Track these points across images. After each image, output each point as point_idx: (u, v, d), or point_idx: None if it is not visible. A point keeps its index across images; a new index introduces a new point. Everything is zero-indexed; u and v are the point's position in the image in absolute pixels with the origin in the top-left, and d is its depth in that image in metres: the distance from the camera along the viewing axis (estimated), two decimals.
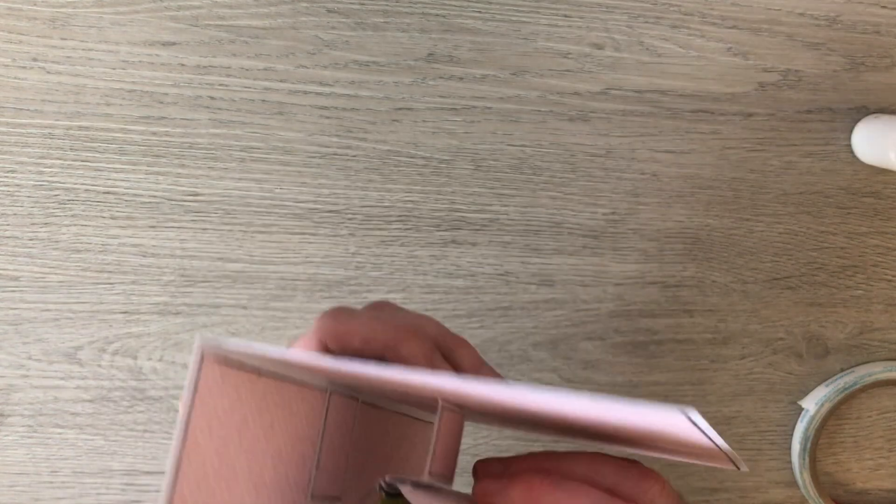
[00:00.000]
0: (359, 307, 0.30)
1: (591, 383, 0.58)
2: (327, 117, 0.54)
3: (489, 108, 0.55)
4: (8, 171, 0.54)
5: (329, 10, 0.53)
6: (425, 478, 0.25)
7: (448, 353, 0.31)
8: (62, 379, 0.57)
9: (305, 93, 0.54)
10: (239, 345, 0.24)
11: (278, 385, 0.27)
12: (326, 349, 0.28)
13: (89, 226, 0.55)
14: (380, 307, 0.31)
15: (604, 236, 0.57)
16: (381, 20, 0.53)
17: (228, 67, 0.53)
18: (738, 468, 0.27)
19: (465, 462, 0.58)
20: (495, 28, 0.54)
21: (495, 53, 0.54)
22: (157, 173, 0.55)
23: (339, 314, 0.28)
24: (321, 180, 0.55)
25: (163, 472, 0.58)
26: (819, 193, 0.57)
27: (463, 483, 0.57)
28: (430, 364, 0.28)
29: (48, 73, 0.53)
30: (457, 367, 0.31)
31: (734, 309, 0.58)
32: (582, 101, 0.55)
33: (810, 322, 0.59)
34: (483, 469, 0.28)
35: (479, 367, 0.31)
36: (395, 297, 0.57)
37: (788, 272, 0.58)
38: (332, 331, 0.28)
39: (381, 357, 0.28)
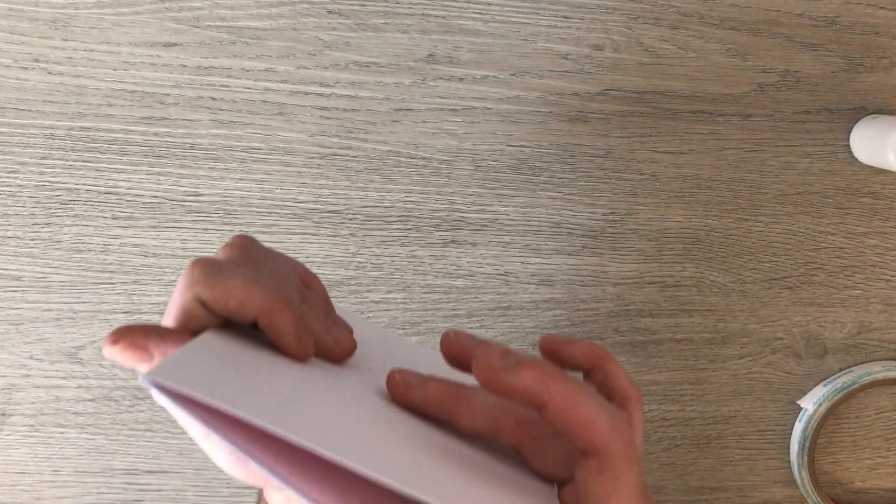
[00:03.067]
0: (219, 257, 0.32)
1: None
2: (328, 118, 0.55)
3: (489, 108, 0.55)
4: (10, 172, 0.54)
5: (329, 12, 0.53)
6: None
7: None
8: (64, 378, 0.57)
9: (306, 94, 0.54)
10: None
11: None
12: (203, 305, 0.29)
13: (91, 226, 0.55)
14: (242, 250, 0.32)
15: (603, 236, 0.57)
16: (382, 21, 0.54)
17: (229, 68, 0.54)
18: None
19: None
20: (495, 29, 0.54)
21: (495, 54, 0.54)
22: (159, 174, 0.55)
23: (211, 275, 0.29)
24: (322, 181, 0.55)
25: (164, 472, 0.58)
26: (817, 194, 0.57)
27: None
28: (299, 340, 0.30)
29: (50, 73, 0.53)
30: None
31: (733, 309, 0.58)
32: (581, 102, 0.55)
33: (809, 322, 0.59)
34: (484, 351, 0.29)
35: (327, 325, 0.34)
36: (396, 297, 0.57)
37: (787, 272, 0.58)
38: (209, 289, 0.29)
39: (253, 321, 0.30)
